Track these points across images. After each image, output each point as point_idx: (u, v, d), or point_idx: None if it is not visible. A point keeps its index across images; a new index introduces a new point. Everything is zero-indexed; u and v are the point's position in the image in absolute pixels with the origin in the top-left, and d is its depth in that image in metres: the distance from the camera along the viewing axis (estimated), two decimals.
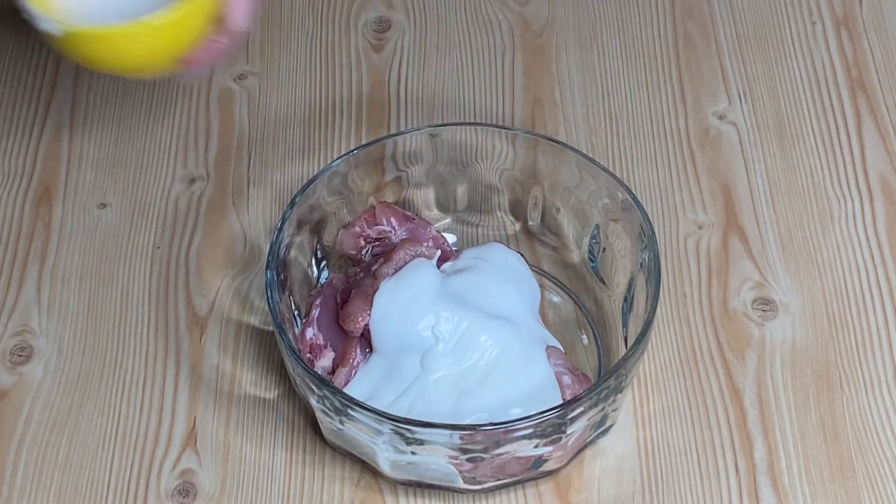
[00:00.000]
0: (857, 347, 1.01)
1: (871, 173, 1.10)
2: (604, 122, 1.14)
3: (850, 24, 1.20)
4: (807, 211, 1.08)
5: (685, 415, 0.98)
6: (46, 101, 1.16)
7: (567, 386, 0.94)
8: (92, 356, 1.01)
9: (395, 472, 0.93)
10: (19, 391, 1.00)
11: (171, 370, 1.01)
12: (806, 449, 0.96)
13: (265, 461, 0.96)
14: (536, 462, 0.92)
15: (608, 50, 1.19)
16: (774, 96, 1.15)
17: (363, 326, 0.95)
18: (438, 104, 1.15)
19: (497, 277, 0.98)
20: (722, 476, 0.95)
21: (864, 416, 0.97)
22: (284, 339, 0.92)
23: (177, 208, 1.09)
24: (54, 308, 1.04)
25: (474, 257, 0.99)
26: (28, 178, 1.11)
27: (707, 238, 1.07)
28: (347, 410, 0.89)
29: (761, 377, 0.99)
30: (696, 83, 1.16)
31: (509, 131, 1.02)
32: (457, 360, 0.94)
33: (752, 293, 1.04)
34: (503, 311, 0.96)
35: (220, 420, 0.98)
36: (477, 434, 0.88)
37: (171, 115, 1.15)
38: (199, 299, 1.04)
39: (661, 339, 1.01)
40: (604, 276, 1.01)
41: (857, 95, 1.15)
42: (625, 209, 0.98)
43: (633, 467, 0.96)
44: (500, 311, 0.96)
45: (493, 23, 1.21)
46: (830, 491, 0.94)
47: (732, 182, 1.10)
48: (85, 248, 1.07)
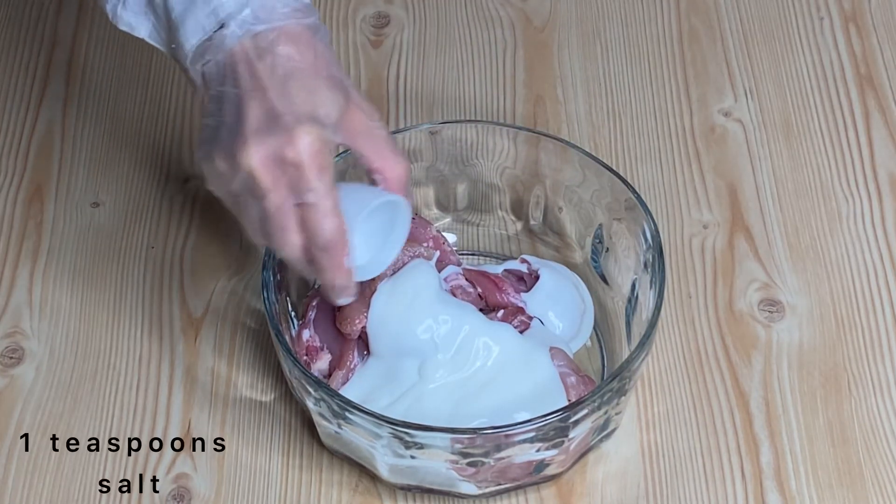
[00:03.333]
0: (865, 349, 1.01)
1: (880, 171, 1.11)
2: (607, 120, 1.14)
3: (859, 20, 1.20)
4: (814, 210, 1.08)
5: (690, 418, 0.98)
6: (38, 98, 1.16)
7: (572, 386, 0.94)
8: (84, 358, 1.01)
9: (394, 476, 0.93)
10: (10, 394, 0.99)
11: (165, 372, 1.00)
12: (813, 453, 0.96)
13: (261, 466, 0.96)
14: (538, 466, 0.92)
15: (611, 46, 1.19)
16: (781, 93, 1.16)
17: (360, 329, 0.94)
18: (438, 101, 1.15)
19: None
20: (728, 481, 0.95)
21: (872, 420, 0.97)
22: (281, 340, 0.91)
23: (171, 207, 1.09)
24: (46, 309, 1.04)
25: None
26: (19, 177, 1.11)
27: (712, 238, 1.07)
28: (345, 413, 0.89)
29: (768, 379, 0.99)
30: (701, 80, 1.17)
31: (510, 129, 1.02)
32: (457, 369, 0.94)
33: (759, 294, 1.03)
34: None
35: (216, 423, 0.98)
36: (478, 438, 0.88)
37: (166, 113, 1.15)
38: (193, 300, 1.04)
39: (665, 341, 1.01)
40: (607, 276, 1.01)
41: (865, 92, 1.15)
42: (628, 208, 0.98)
43: (636, 472, 0.95)
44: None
45: (494, 18, 1.21)
46: (838, 495, 0.94)
47: (738, 181, 1.10)
48: (77, 247, 1.07)
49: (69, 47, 1.19)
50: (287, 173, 0.85)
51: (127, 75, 1.17)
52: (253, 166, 0.85)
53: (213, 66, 0.87)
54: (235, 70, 0.86)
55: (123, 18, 0.91)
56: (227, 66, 0.86)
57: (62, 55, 1.18)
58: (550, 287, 1.00)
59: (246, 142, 0.85)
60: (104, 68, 1.18)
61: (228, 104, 0.86)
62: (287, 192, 0.86)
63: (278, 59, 0.86)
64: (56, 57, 1.18)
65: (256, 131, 0.85)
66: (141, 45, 1.18)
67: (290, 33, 0.86)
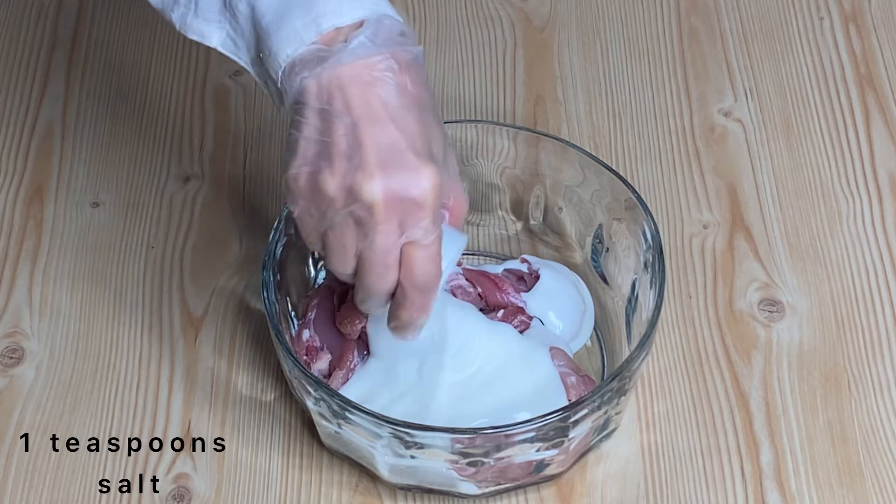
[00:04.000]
0: (865, 349, 1.01)
1: (880, 171, 1.11)
2: (607, 120, 1.14)
3: (859, 20, 1.20)
4: (814, 210, 1.08)
5: (690, 418, 0.98)
6: (38, 98, 1.16)
7: (572, 386, 0.94)
8: (84, 358, 1.01)
9: (394, 476, 0.93)
10: (10, 394, 0.99)
11: (165, 372, 1.00)
12: (813, 453, 0.96)
13: (261, 465, 0.96)
14: (538, 466, 0.92)
15: (611, 46, 1.19)
16: (781, 93, 1.15)
17: (360, 329, 0.94)
18: (438, 101, 1.15)
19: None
20: (728, 481, 0.95)
21: (872, 420, 0.97)
22: (281, 340, 0.91)
23: (171, 207, 1.09)
24: (46, 309, 1.03)
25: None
26: (19, 177, 1.11)
27: (712, 238, 1.07)
28: (345, 413, 0.89)
29: (768, 380, 0.99)
30: (701, 80, 1.16)
31: (511, 129, 1.02)
32: (457, 369, 0.94)
33: (759, 294, 1.03)
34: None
35: (216, 423, 0.98)
36: (478, 438, 0.88)
37: (166, 112, 1.15)
38: (193, 300, 1.04)
39: (665, 341, 1.01)
40: (607, 276, 1.01)
41: (865, 92, 1.15)
42: (628, 208, 0.97)
43: (636, 472, 0.95)
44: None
45: (493, 18, 1.21)
46: (839, 495, 0.94)
47: (738, 181, 1.10)
48: (77, 247, 1.07)
49: (69, 47, 1.19)
50: (405, 211, 0.83)
51: (127, 75, 1.17)
52: (376, 200, 0.82)
53: (313, 81, 0.83)
54: (346, 92, 0.82)
55: (194, 27, 0.87)
56: (335, 86, 0.82)
57: (62, 55, 1.18)
58: (550, 287, 1.00)
59: (373, 175, 0.82)
60: (104, 68, 1.17)
61: (339, 127, 0.83)
62: (398, 229, 0.84)
63: (396, 88, 0.83)
64: (56, 57, 1.18)
65: (383, 165, 0.82)
66: (141, 45, 1.19)
67: (403, 62, 0.84)
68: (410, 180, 0.83)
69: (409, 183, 0.83)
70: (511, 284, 0.99)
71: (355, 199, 0.83)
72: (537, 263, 1.01)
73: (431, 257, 0.85)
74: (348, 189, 0.83)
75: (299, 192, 0.85)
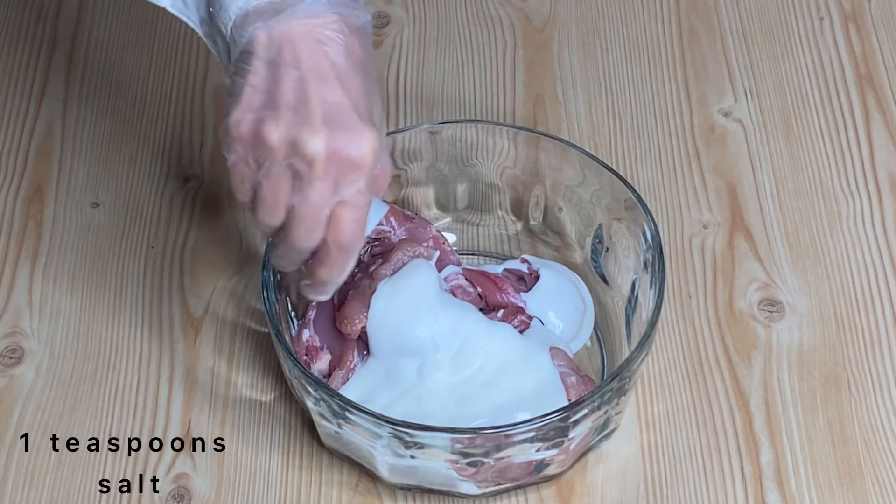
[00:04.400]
0: (865, 349, 1.01)
1: (880, 171, 1.10)
2: (607, 120, 1.14)
3: (859, 20, 1.20)
4: (814, 210, 1.08)
5: (690, 418, 0.98)
6: (38, 98, 1.16)
7: (572, 385, 0.94)
8: (84, 358, 1.01)
9: (394, 476, 0.93)
10: (10, 394, 0.99)
11: (165, 372, 1.00)
12: (813, 453, 0.96)
13: (261, 465, 0.96)
14: (538, 466, 0.92)
15: (611, 46, 1.19)
16: (781, 93, 1.15)
17: (360, 329, 0.94)
18: (438, 101, 1.15)
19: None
20: (728, 481, 0.95)
21: (872, 420, 0.97)
22: (281, 340, 0.91)
23: (171, 207, 1.09)
24: (46, 309, 1.03)
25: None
26: (19, 177, 1.11)
27: (712, 238, 1.06)
28: (345, 413, 0.89)
29: (768, 380, 0.99)
30: (701, 80, 1.16)
31: (510, 129, 1.02)
32: (457, 369, 0.94)
33: (759, 294, 1.03)
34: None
35: (216, 423, 0.97)
36: (478, 438, 0.88)
37: (165, 112, 1.15)
38: (193, 300, 1.04)
39: (665, 341, 1.01)
40: (607, 276, 1.01)
41: (865, 92, 1.15)
42: (628, 208, 0.97)
43: (636, 472, 0.95)
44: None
45: (493, 18, 1.21)
46: (839, 495, 0.94)
47: (738, 180, 1.10)
48: (77, 247, 1.07)
49: (69, 47, 1.19)
50: (343, 170, 0.84)
51: (127, 75, 1.17)
52: (317, 155, 0.83)
53: (264, 32, 0.84)
54: (297, 47, 0.84)
55: None
56: (286, 40, 0.84)
57: (62, 55, 1.18)
58: (550, 287, 1.00)
59: (318, 131, 0.83)
60: (104, 68, 1.17)
61: (287, 80, 0.84)
62: (333, 187, 0.85)
63: (345, 50, 0.84)
64: (56, 57, 1.18)
65: (328, 123, 0.83)
66: (141, 45, 1.19)
67: (353, 26, 0.85)
68: (353, 141, 0.84)
69: (351, 143, 0.84)
70: (511, 284, 0.99)
71: (296, 153, 0.84)
72: (537, 263, 1.01)
73: (359, 219, 0.86)
74: (292, 141, 0.84)
75: (240, 138, 0.85)
